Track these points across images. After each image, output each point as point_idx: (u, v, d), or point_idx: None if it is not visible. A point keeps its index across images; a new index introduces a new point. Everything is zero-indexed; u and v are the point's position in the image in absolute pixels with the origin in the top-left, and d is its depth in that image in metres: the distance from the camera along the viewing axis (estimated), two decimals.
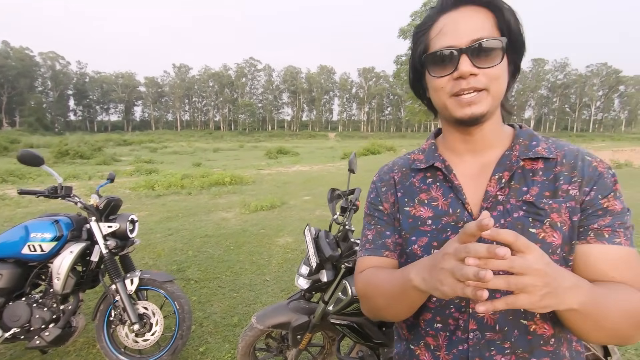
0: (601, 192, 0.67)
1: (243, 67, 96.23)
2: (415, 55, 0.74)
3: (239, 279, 3.66)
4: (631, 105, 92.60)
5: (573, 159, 0.70)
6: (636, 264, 0.65)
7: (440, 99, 0.70)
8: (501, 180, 0.71)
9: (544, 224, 0.67)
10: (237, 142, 52.60)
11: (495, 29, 0.67)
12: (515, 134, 0.76)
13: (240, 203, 6.97)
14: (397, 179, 0.83)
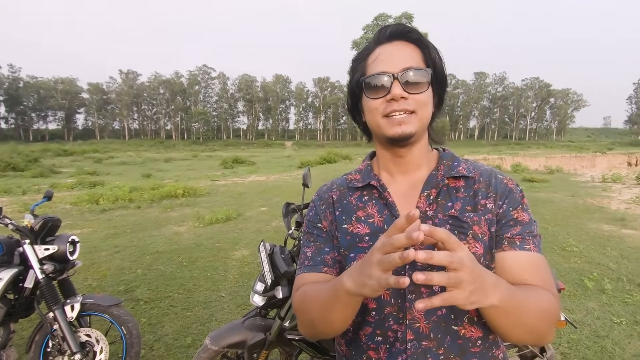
0: (512, 205, 0.76)
1: (196, 75, 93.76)
2: (353, 81, 0.80)
3: (193, 296, 3.52)
4: (560, 116, 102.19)
5: (488, 177, 0.80)
6: (544, 268, 0.74)
7: (375, 119, 0.76)
8: (429, 197, 0.78)
9: (468, 236, 0.74)
10: (190, 152, 50.88)
11: (422, 63, 0.75)
12: (440, 156, 0.85)
13: (194, 216, 6.74)
14: (335, 197, 0.87)
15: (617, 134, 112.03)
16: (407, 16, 43.21)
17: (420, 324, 0.73)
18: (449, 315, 0.73)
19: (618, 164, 25.38)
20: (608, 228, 6.30)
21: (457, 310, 0.73)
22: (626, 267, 4.35)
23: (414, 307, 0.70)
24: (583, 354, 2.63)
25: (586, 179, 14.82)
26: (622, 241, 5.47)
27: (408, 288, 0.73)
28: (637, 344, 2.75)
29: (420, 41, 0.76)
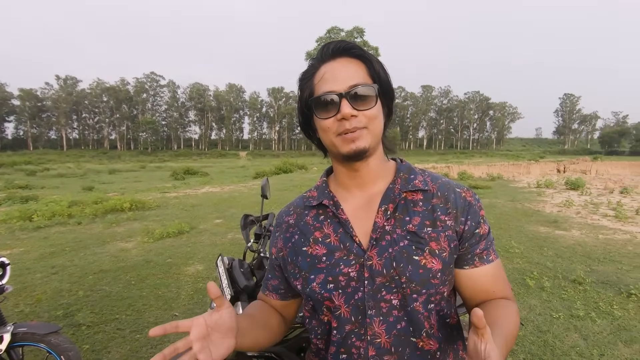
0: (474, 221, 0.78)
1: (143, 82, 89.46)
2: (302, 100, 0.80)
3: (143, 317, 3.30)
4: (499, 127, 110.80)
5: (446, 191, 0.80)
6: (501, 273, 0.82)
7: (329, 138, 0.76)
8: (387, 211, 0.77)
9: (425, 252, 0.74)
10: (137, 162, 48.18)
11: (368, 77, 0.76)
12: (397, 168, 0.85)
13: (143, 231, 6.35)
14: (292, 221, 0.87)
15: (547, 144, 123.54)
16: (358, 30, 44.61)
17: (382, 339, 0.73)
18: (408, 328, 0.74)
19: (549, 170, 27.83)
20: (544, 230, 6.85)
21: (415, 324, 0.74)
22: (561, 265, 4.75)
23: (374, 323, 0.74)
24: (528, 348, 2.80)
25: (523, 185, 16.06)
26: (556, 241, 5.97)
27: (368, 304, 0.74)
28: (573, 336, 3.00)
29: (363, 56, 0.76)
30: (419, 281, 0.72)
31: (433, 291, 0.74)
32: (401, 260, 0.73)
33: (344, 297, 0.75)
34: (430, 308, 0.76)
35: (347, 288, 0.75)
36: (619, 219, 7.88)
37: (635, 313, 3.39)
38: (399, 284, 0.73)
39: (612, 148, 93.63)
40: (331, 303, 0.77)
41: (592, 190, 13.64)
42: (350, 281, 0.75)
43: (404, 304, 0.74)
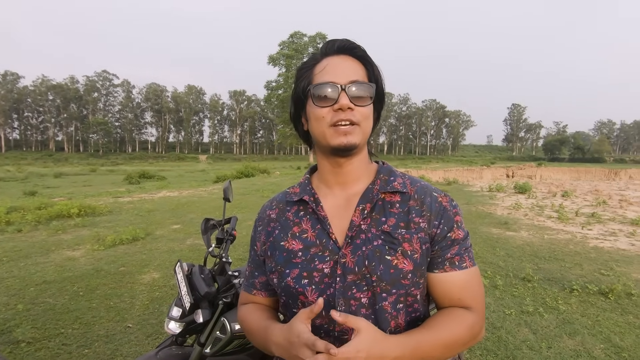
0: (447, 225, 0.79)
1: (95, 81, 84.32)
2: (298, 89, 0.81)
3: (92, 330, 3.06)
4: (454, 134, 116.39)
5: (423, 195, 0.82)
6: (476, 281, 0.81)
7: (320, 127, 0.76)
8: (364, 211, 0.79)
9: (397, 252, 0.76)
10: (87, 166, 45.29)
11: (366, 79, 0.78)
12: (378, 170, 0.87)
13: (93, 238, 5.95)
14: (274, 215, 0.89)
15: (498, 150, 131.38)
16: (321, 36, 45.06)
17: (348, 336, 0.75)
18: (375, 324, 0.75)
19: (499, 175, 29.56)
20: (496, 231, 7.24)
21: (381, 322, 0.76)
22: (511, 264, 5.03)
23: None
24: (484, 345, 2.92)
25: (477, 189, 16.92)
26: (507, 242, 6.33)
27: (338, 300, 0.75)
28: (524, 330, 3.17)
29: (364, 58, 0.79)
30: (389, 280, 0.74)
31: (403, 292, 0.76)
32: (373, 259, 0.75)
33: (317, 293, 0.77)
34: (399, 308, 0.77)
35: (320, 284, 0.77)
36: (562, 220, 8.51)
37: (577, 307, 3.65)
38: (369, 282, 0.75)
39: (554, 155, 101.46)
40: (305, 298, 0.78)
41: (538, 194, 14.65)
42: (323, 277, 0.77)
43: (373, 302, 0.75)
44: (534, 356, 2.77)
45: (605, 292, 3.93)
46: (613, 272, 4.72)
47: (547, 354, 2.81)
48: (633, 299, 3.82)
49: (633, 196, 14.73)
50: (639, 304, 3.71)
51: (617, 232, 7.39)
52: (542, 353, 2.81)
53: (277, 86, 46.47)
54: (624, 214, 9.67)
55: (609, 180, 28.28)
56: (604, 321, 3.35)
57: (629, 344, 2.96)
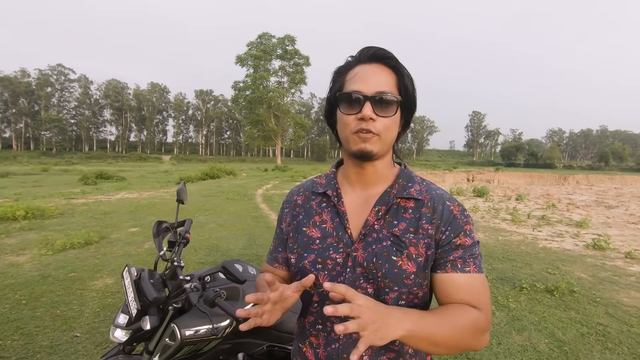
0: (454, 232, 0.83)
1: (48, 75, 79.05)
2: (332, 90, 0.87)
3: (34, 341, 2.86)
4: (419, 139, 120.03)
5: (436, 203, 0.86)
6: (480, 286, 0.82)
7: (345, 133, 0.84)
8: (379, 212, 0.86)
9: (403, 254, 0.82)
10: (38, 165, 42.32)
11: (395, 88, 0.82)
12: (398, 174, 0.92)
13: (40, 242, 5.56)
14: (300, 202, 0.97)
15: (460, 155, 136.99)
16: (289, 38, 45.02)
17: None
18: None
19: (461, 179, 30.77)
20: None
21: None
22: None
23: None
24: None
25: None
26: None
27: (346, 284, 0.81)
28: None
29: (396, 68, 0.83)
30: (392, 279, 0.81)
31: (405, 290, 0.82)
32: (381, 258, 0.82)
33: (328, 278, 0.85)
34: (401, 304, 0.83)
35: (332, 271, 0.85)
36: (515, 222, 8.99)
37: (525, 304, 3.87)
38: (375, 277, 0.82)
39: (510, 160, 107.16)
40: (317, 280, 0.86)
41: (494, 197, 15.40)
42: (336, 266, 0.85)
43: (377, 295, 0.83)
44: (485, 352, 2.89)
45: (551, 289, 4.19)
46: (559, 271, 5.04)
47: (497, 350, 2.95)
48: (575, 296, 4.10)
49: (579, 200, 15.85)
50: (580, 301, 3.99)
51: (564, 233, 7.91)
52: (493, 349, 2.95)
53: (245, 87, 45.84)
54: (570, 217, 10.38)
55: (558, 185, 30.27)
56: (549, 317, 3.57)
57: (570, 338, 3.17)
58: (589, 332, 3.30)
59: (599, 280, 4.75)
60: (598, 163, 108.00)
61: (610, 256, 6.05)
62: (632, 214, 11.59)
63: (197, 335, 1.48)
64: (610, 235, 7.46)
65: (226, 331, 1.54)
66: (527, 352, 2.93)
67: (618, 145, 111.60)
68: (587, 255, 6.09)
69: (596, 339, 3.17)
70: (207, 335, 1.49)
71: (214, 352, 1.66)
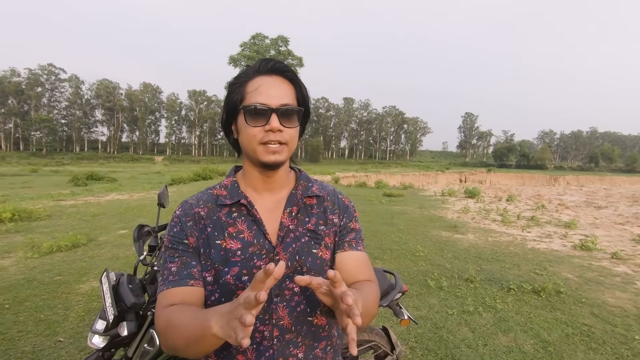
0: (348, 218, 0.99)
1: (39, 75, 77.94)
2: (230, 101, 0.88)
3: (16, 346, 2.81)
4: (412, 139, 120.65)
5: (333, 197, 1.01)
6: (367, 262, 0.98)
7: (251, 145, 0.85)
8: (291, 213, 0.92)
9: (321, 245, 0.92)
10: (28, 166, 41.75)
11: (295, 99, 0.88)
12: (297, 177, 1.00)
13: (27, 245, 5.48)
14: (204, 214, 0.90)
15: (452, 156, 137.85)
16: (282, 39, 44.98)
17: (284, 321, 0.85)
18: (306, 309, 0.87)
19: (453, 180, 30.99)
20: (445, 234, 7.57)
21: (312, 304, 0.88)
22: (457, 265, 5.28)
23: (278, 308, 0.84)
24: (426, 345, 3.04)
25: (430, 193, 17.63)
26: (455, 244, 6.63)
27: (274, 292, 0.84)
28: (464, 329, 3.33)
29: (294, 80, 0.88)
30: (316, 269, 0.89)
31: (325, 276, 0.81)
32: (303, 254, 0.88)
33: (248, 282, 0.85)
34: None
35: None
36: (505, 223, 9.07)
37: (512, 305, 3.90)
38: (300, 274, 0.85)
39: (502, 161, 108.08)
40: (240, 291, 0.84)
41: (485, 198, 15.53)
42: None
43: (304, 289, 0.86)
44: (471, 354, 2.91)
45: (538, 290, 4.23)
46: (546, 271, 5.10)
47: (483, 351, 2.97)
48: (561, 297, 4.14)
49: (569, 200, 16.06)
50: (566, 301, 4.04)
51: (552, 234, 8.00)
52: (479, 350, 2.97)
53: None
54: (559, 217, 10.51)
55: (549, 185, 30.62)
56: (535, 318, 3.60)
57: (555, 338, 3.21)
58: (574, 332, 3.34)
59: (585, 280, 4.81)
60: (588, 164, 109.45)
61: (597, 257, 6.13)
62: (620, 215, 11.77)
63: None
64: (598, 236, 7.56)
65: None
66: (512, 352, 2.95)
67: (608, 147, 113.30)
68: (574, 255, 6.17)
69: (580, 340, 3.21)
70: None
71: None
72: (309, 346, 0.87)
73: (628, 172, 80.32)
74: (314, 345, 0.88)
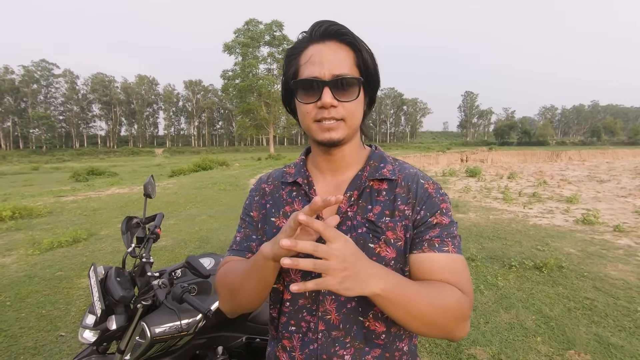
0: (429, 211, 0.78)
1: (33, 71, 77.24)
2: (287, 75, 0.80)
3: (18, 342, 2.83)
4: (412, 121, 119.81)
5: (410, 181, 0.81)
6: (460, 267, 0.75)
7: (305, 123, 0.78)
8: (351, 198, 0.80)
9: (380, 240, 0.77)
10: (29, 164, 41.86)
11: (354, 66, 0.75)
12: (369, 156, 0.87)
13: (27, 242, 5.49)
14: (269, 190, 0.90)
15: (453, 136, 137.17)
16: (277, 24, 44.19)
17: (332, 315, 0.78)
18: (357, 308, 0.77)
19: (454, 160, 30.85)
20: None
21: (364, 305, 0.77)
22: None
23: (326, 300, 0.77)
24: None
25: (432, 174, 17.54)
26: None
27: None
28: None
29: (353, 44, 0.75)
30: None
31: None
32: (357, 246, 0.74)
33: (300, 272, 0.79)
34: None
35: None
36: (506, 201, 9.03)
37: (514, 282, 3.89)
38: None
39: (504, 139, 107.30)
40: (287, 276, 0.81)
41: (487, 177, 15.45)
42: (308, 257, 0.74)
43: None
44: (472, 332, 2.90)
45: (539, 266, 4.21)
46: (548, 247, 5.08)
47: (485, 329, 2.96)
48: (563, 271, 4.13)
49: (572, 175, 15.97)
50: (568, 276, 4.02)
51: (554, 209, 7.96)
52: (480, 328, 2.96)
53: (234, 75, 45.10)
54: (561, 193, 10.45)
55: (551, 162, 30.46)
56: (537, 294, 3.59)
57: (557, 313, 3.20)
58: (576, 306, 3.33)
59: (587, 254, 4.79)
60: (590, 138, 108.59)
61: (599, 230, 6.10)
62: (623, 187, 11.70)
63: (168, 332, 1.45)
64: (599, 210, 7.53)
65: (198, 326, 1.51)
66: (514, 329, 2.95)
67: (610, 120, 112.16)
68: (576, 230, 6.14)
69: (582, 313, 3.20)
70: (177, 331, 1.46)
71: (189, 347, 1.63)
72: (358, 349, 0.78)
73: (631, 145, 79.76)
74: (365, 350, 0.78)
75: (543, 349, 2.68)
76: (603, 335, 2.83)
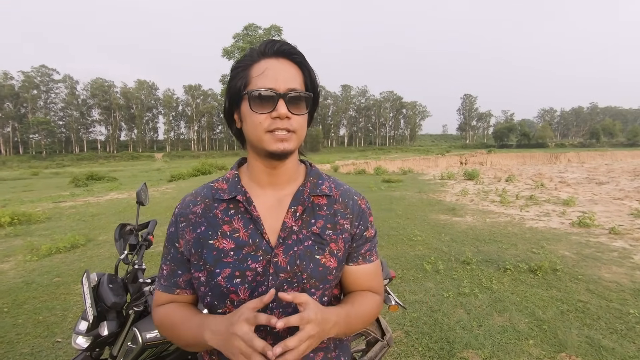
0: (364, 226, 0.90)
1: (32, 77, 77.41)
2: (233, 87, 0.80)
3: (14, 349, 2.85)
4: (411, 124, 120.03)
5: (346, 198, 0.90)
6: (378, 271, 0.95)
7: (257, 133, 0.77)
8: (296, 213, 0.83)
9: (325, 251, 0.83)
10: (29, 169, 41.89)
11: (302, 85, 0.80)
12: (307, 172, 0.91)
13: (26, 248, 5.51)
14: (200, 211, 0.85)
15: (452, 139, 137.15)
16: (276, 29, 44.42)
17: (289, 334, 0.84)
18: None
19: (453, 163, 30.90)
20: (443, 217, 7.57)
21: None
22: (454, 248, 5.29)
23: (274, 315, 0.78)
24: (421, 328, 3.06)
25: (430, 177, 17.61)
26: (452, 227, 6.64)
27: (272, 304, 0.80)
28: (459, 311, 3.34)
29: (302, 64, 0.81)
30: (318, 277, 0.81)
31: (328, 286, 0.85)
32: (304, 259, 0.80)
33: (249, 291, 0.79)
34: (324, 301, 0.85)
35: (252, 282, 0.79)
36: (503, 204, 9.06)
37: (508, 285, 3.91)
38: (300, 280, 0.80)
39: (503, 142, 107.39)
40: (236, 296, 0.79)
41: (485, 180, 15.50)
42: (256, 276, 0.79)
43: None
44: (465, 335, 2.93)
45: (534, 269, 4.24)
46: (543, 250, 5.11)
47: (478, 332, 2.99)
48: (558, 274, 4.15)
49: (570, 178, 16.02)
50: (562, 279, 4.05)
51: (551, 212, 7.99)
52: (473, 332, 2.99)
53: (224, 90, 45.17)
54: (557, 195, 10.49)
55: (550, 164, 30.52)
56: (531, 297, 3.62)
57: (550, 316, 3.22)
58: (569, 309, 3.35)
59: (582, 257, 4.82)
60: (589, 140, 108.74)
61: (595, 232, 6.13)
62: (621, 189, 11.74)
63: (159, 338, 1.48)
64: (596, 212, 7.56)
65: None
66: (506, 332, 2.97)
67: (609, 122, 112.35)
68: (572, 233, 6.17)
69: (575, 316, 3.22)
70: None
71: (180, 352, 1.66)
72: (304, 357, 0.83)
73: (629, 147, 79.87)
74: (309, 356, 0.83)
75: (535, 352, 2.70)
76: (595, 338, 2.85)
